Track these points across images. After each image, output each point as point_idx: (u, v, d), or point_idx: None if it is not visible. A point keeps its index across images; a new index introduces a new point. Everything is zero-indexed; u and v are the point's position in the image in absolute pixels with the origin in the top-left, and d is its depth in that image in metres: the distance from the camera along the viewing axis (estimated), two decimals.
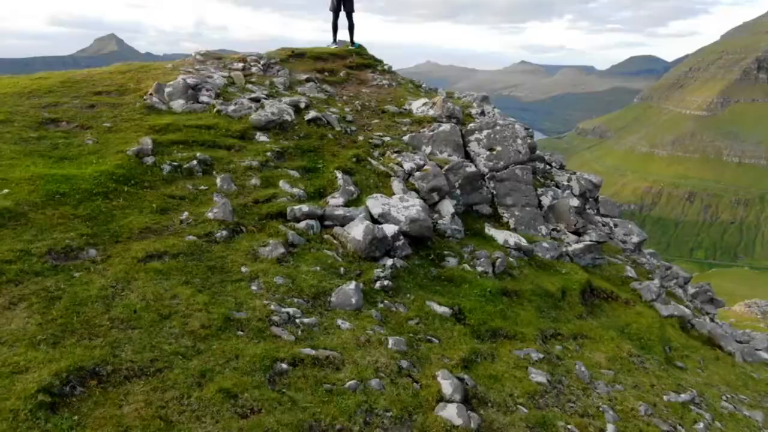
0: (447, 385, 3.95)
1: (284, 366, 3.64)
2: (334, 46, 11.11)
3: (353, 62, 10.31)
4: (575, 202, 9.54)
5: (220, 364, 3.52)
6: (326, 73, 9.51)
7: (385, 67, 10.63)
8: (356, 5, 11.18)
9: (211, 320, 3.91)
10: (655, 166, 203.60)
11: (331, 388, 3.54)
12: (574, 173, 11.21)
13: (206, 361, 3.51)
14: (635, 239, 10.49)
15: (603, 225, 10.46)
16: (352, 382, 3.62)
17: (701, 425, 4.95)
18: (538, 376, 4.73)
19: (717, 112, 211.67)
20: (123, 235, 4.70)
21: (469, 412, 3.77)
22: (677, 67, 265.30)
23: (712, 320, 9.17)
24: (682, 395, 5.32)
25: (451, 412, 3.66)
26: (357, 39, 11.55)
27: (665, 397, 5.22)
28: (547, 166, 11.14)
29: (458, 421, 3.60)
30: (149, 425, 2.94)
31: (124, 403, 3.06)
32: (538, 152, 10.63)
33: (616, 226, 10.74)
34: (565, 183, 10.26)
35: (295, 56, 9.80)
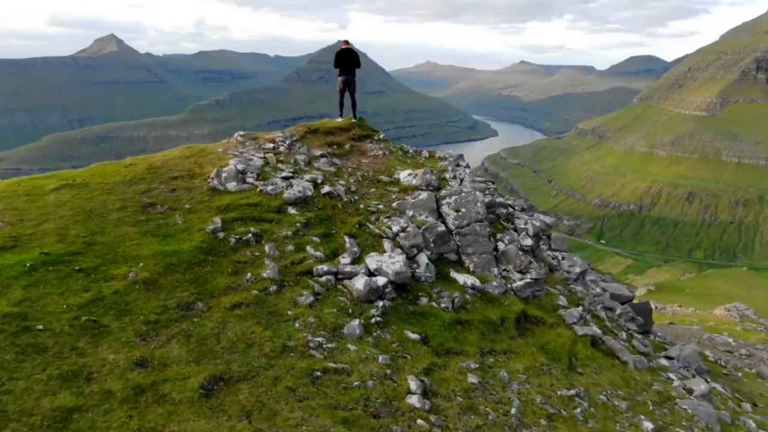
0: (413, 384, 6.76)
1: (319, 373, 6.48)
2: (340, 120, 14.04)
3: (355, 134, 13.19)
4: (528, 242, 12.38)
5: (283, 372, 6.35)
6: (335, 147, 12.39)
7: (381, 136, 13.52)
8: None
9: (275, 347, 6.75)
10: (654, 167, 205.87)
11: (346, 386, 6.37)
12: (532, 215, 14.03)
13: (276, 371, 6.35)
14: (578, 269, 13.35)
15: (552, 258, 13.31)
16: (357, 382, 6.44)
17: (579, 410, 7.78)
18: (472, 379, 7.54)
19: (716, 113, 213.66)
20: (215, 292, 7.57)
21: (425, 400, 6.62)
22: (677, 67, 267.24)
23: (631, 335, 11.98)
24: (571, 391, 8.13)
25: (414, 400, 6.49)
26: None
27: (559, 392, 8.02)
28: (511, 209, 13.95)
29: (418, 405, 6.44)
30: (254, 405, 5.79)
31: (239, 394, 5.91)
32: (500, 200, 13.43)
33: (563, 258, 13.58)
34: (522, 225, 13.09)
35: (310, 132, 12.66)
